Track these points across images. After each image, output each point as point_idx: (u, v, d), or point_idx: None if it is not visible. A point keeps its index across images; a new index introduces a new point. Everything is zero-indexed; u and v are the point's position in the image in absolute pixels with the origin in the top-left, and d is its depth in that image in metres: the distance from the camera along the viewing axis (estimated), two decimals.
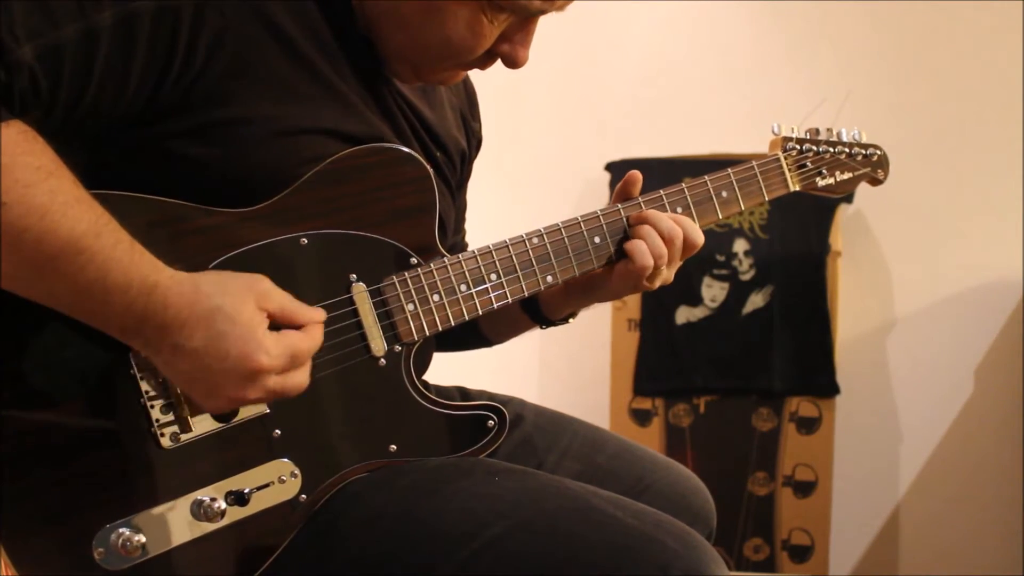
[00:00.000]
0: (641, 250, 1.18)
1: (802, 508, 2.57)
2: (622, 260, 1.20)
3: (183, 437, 0.97)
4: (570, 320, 1.33)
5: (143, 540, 0.94)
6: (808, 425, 2.56)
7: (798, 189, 1.35)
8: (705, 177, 1.27)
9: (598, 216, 1.21)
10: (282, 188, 1.03)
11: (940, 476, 2.72)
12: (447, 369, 1.34)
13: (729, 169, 1.29)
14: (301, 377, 0.97)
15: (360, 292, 1.07)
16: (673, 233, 1.19)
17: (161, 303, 0.90)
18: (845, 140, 1.40)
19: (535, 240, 1.17)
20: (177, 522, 0.97)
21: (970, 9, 2.62)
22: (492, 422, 1.14)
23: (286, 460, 1.03)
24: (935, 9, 2.64)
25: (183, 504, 0.97)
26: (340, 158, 1.06)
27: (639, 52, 2.83)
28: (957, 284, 2.68)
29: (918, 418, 2.73)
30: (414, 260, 1.10)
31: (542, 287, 1.17)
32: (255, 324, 0.92)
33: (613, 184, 2.67)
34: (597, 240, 1.20)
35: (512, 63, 1.11)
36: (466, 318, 1.13)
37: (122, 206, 0.92)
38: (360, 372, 1.07)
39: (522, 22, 1.09)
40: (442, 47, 1.08)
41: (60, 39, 0.90)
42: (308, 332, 0.97)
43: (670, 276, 1.24)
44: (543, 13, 1.08)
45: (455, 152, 1.27)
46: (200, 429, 0.98)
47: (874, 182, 1.44)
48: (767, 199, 1.32)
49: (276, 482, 1.02)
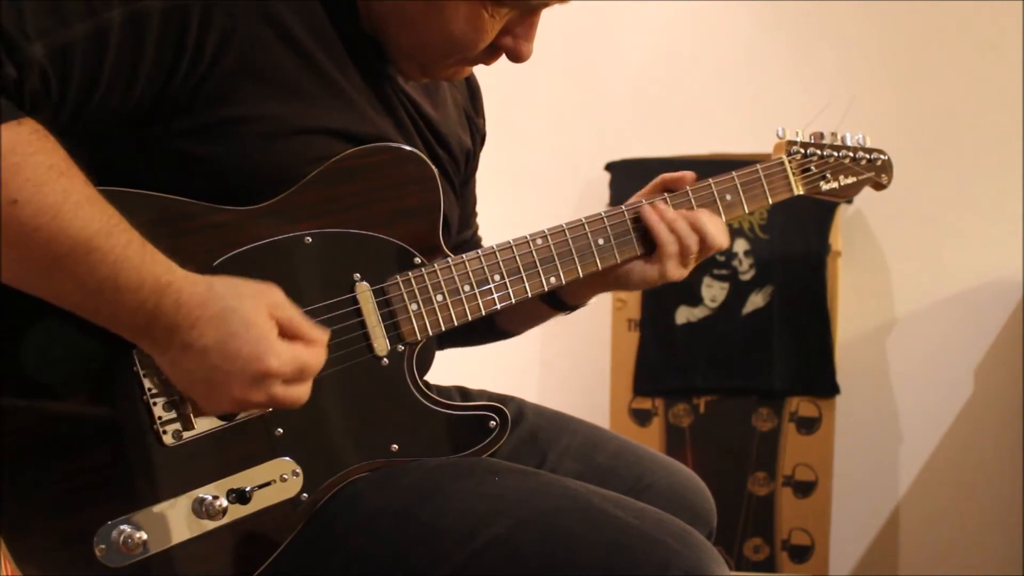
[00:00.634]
0: (669, 239, 1.20)
1: (802, 508, 2.56)
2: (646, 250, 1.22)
3: (185, 435, 0.97)
4: (582, 306, 1.34)
5: (144, 537, 0.94)
6: (808, 425, 2.56)
7: (802, 193, 1.35)
8: (709, 180, 1.27)
9: (602, 218, 1.21)
10: (287, 187, 1.03)
11: (940, 476, 2.72)
12: (447, 369, 1.34)
13: (733, 172, 1.29)
14: (303, 391, 0.96)
15: (364, 291, 1.07)
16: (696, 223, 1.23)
17: (174, 302, 0.90)
18: (849, 144, 1.39)
19: (539, 241, 1.17)
20: (179, 520, 0.97)
21: (970, 10, 2.62)
22: (494, 422, 1.14)
23: (288, 459, 1.03)
24: (935, 10, 2.64)
25: (185, 502, 0.97)
26: (345, 157, 1.06)
27: (639, 52, 2.83)
28: (957, 284, 2.68)
29: (918, 418, 2.73)
30: (418, 260, 1.11)
31: (545, 288, 1.18)
32: (267, 329, 0.92)
33: (613, 184, 2.66)
34: (601, 242, 1.21)
35: (516, 57, 1.11)
36: (469, 318, 1.13)
37: (126, 202, 0.92)
38: (363, 371, 1.07)
39: (524, 16, 1.09)
40: (445, 43, 1.08)
41: (70, 37, 0.90)
42: (314, 349, 0.97)
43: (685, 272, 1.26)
44: (545, 6, 1.08)
45: (459, 150, 1.27)
46: (202, 427, 0.98)
47: (878, 187, 1.43)
48: (771, 202, 1.32)
49: (278, 480, 1.02)
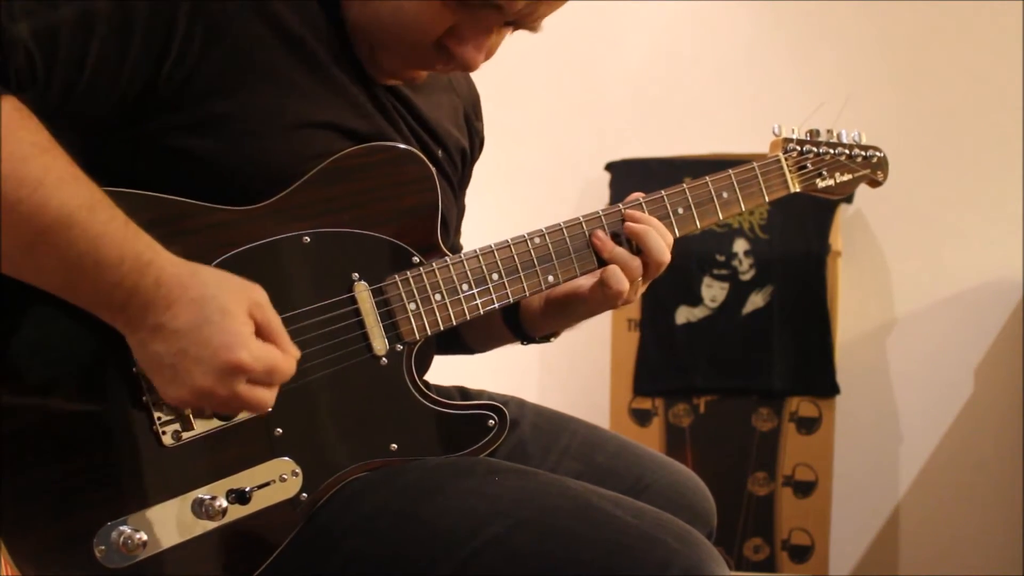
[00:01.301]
0: (617, 276, 1.18)
1: (802, 508, 2.56)
2: (598, 283, 1.19)
3: (184, 435, 0.97)
4: (551, 340, 1.33)
5: (144, 538, 0.94)
6: (808, 425, 2.56)
7: (798, 190, 1.36)
8: (706, 178, 1.27)
9: (599, 216, 1.21)
10: (285, 184, 1.03)
11: (940, 476, 2.72)
12: (447, 369, 1.34)
13: (730, 170, 1.29)
14: (268, 396, 0.94)
15: (362, 291, 1.07)
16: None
17: (154, 280, 0.89)
18: (845, 141, 1.40)
19: (537, 240, 1.17)
20: (178, 520, 0.96)
21: (970, 10, 2.62)
22: (493, 421, 1.14)
23: (287, 459, 1.03)
24: (935, 9, 2.64)
25: (184, 502, 0.97)
26: (342, 156, 1.06)
27: (639, 52, 2.83)
28: (957, 284, 2.68)
29: (918, 418, 2.73)
30: (416, 259, 1.10)
31: (544, 287, 1.17)
32: (244, 323, 0.91)
33: (613, 184, 2.66)
34: None
35: (463, 64, 1.07)
36: (467, 318, 1.13)
37: (125, 202, 0.91)
38: (361, 371, 1.07)
39: (476, 21, 1.05)
40: (397, 27, 1.05)
41: (57, 19, 0.90)
42: (288, 357, 0.95)
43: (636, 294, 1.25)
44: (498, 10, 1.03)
45: (455, 149, 1.26)
46: (201, 427, 0.98)
47: (873, 184, 1.44)
48: (767, 200, 1.32)
49: (277, 481, 1.02)
